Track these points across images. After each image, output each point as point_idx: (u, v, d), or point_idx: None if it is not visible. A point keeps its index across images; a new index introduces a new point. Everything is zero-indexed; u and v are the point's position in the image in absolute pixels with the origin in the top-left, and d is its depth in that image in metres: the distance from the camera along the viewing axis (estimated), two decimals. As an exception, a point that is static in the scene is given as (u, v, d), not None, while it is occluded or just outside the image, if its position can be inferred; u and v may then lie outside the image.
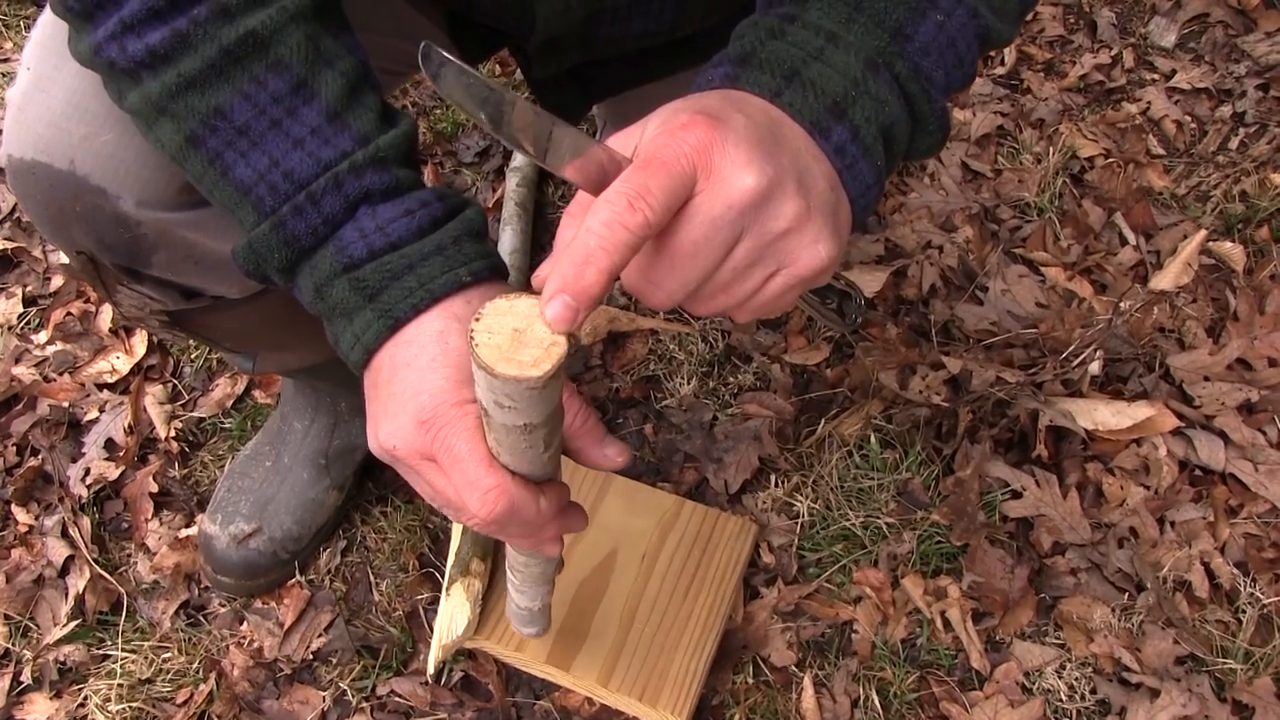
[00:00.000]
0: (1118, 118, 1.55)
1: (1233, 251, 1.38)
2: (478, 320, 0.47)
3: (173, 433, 1.26)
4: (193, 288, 0.79)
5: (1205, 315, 1.33)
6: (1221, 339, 1.30)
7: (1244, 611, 1.10)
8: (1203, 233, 1.38)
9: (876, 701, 1.06)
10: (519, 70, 1.08)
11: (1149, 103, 1.57)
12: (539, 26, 0.80)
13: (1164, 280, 1.36)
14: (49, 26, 0.69)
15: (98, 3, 0.56)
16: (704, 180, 0.48)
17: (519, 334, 0.47)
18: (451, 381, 0.55)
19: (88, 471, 1.22)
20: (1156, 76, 1.61)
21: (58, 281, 1.40)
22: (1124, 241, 1.42)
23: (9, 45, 1.75)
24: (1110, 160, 1.49)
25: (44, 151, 0.68)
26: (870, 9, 0.55)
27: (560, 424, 0.56)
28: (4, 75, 1.67)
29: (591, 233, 0.45)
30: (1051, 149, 1.50)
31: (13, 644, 1.12)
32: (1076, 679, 1.07)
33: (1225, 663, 1.05)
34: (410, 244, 0.58)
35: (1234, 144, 1.53)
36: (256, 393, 1.31)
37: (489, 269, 0.60)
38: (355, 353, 0.59)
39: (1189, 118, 1.56)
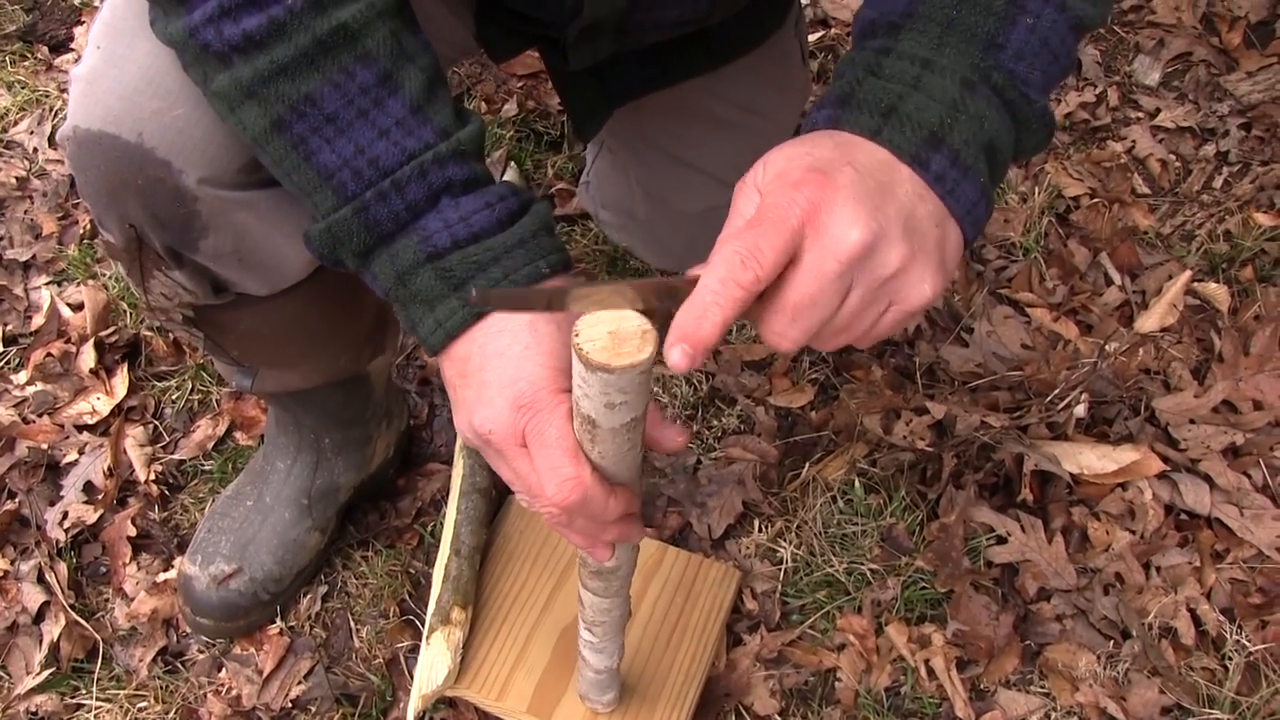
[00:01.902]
0: (1103, 156, 1.55)
1: (1217, 292, 1.38)
2: (577, 335, 0.53)
3: (153, 475, 1.25)
4: (226, 280, 0.81)
5: (1190, 356, 1.33)
6: (1207, 380, 1.30)
7: (1230, 659, 1.09)
8: (1187, 273, 1.38)
9: (860, 752, 1.05)
10: (546, 70, 1.10)
11: (1134, 141, 1.57)
12: (586, 11, 0.82)
13: (1149, 321, 1.36)
14: (119, 8, 0.72)
15: None
16: (813, 238, 0.52)
17: (614, 335, 0.53)
18: (549, 369, 0.60)
19: (66, 515, 1.21)
20: (1141, 115, 1.61)
21: (39, 320, 1.40)
22: (1109, 281, 1.42)
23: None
24: (1096, 200, 1.49)
25: (113, 123, 0.70)
26: (961, 26, 0.58)
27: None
28: (-10, 111, 1.67)
29: (708, 289, 0.50)
30: (1037, 188, 1.50)
31: (-14, 693, 1.10)
32: (1062, 729, 1.06)
33: (1212, 713, 1.05)
34: (492, 236, 0.61)
35: (1218, 183, 1.53)
36: (238, 434, 1.31)
37: (563, 261, 0.64)
38: (435, 337, 0.62)
39: (1173, 156, 1.56)
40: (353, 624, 1.16)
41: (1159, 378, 1.31)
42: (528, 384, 0.59)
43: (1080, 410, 1.26)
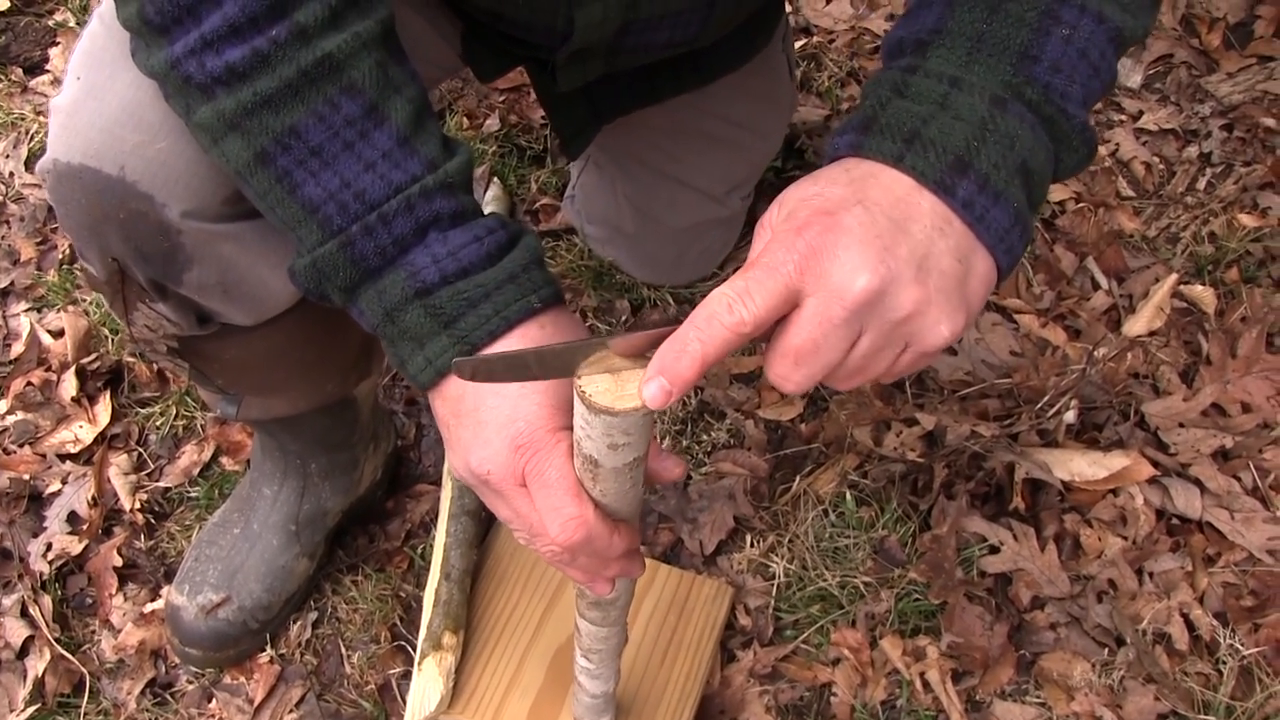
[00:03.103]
0: (1086, 160, 1.55)
1: (1204, 294, 1.38)
2: (579, 379, 0.53)
3: (138, 504, 1.23)
4: (210, 311, 0.80)
5: (1179, 360, 1.33)
6: (1195, 384, 1.30)
7: (1224, 663, 1.09)
8: (1174, 276, 1.38)
9: (857, 768, 1.05)
10: (532, 89, 1.09)
11: (1118, 144, 1.57)
12: (576, 36, 0.81)
13: (1137, 325, 1.36)
14: (99, 37, 0.71)
15: (176, 17, 0.58)
16: (814, 283, 0.50)
17: (617, 377, 0.53)
18: (546, 408, 0.59)
19: (49, 547, 1.19)
20: (1124, 117, 1.62)
21: (18, 348, 1.38)
22: (1096, 286, 1.42)
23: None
24: (1081, 204, 1.49)
25: (94, 156, 0.68)
26: (992, 40, 0.55)
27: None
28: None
29: (693, 325, 0.50)
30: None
31: (-28, 730, 1.09)
32: (1059, 739, 1.06)
33: (1207, 719, 1.04)
34: (481, 270, 0.60)
35: (1201, 184, 1.53)
36: (224, 459, 1.29)
37: (554, 295, 0.63)
38: (425, 375, 0.61)
39: (1157, 159, 1.56)
40: (344, 650, 1.14)
41: (1148, 382, 1.31)
42: (525, 424, 0.58)
43: (1070, 416, 1.26)
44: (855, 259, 0.49)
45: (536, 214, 1.54)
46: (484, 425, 0.59)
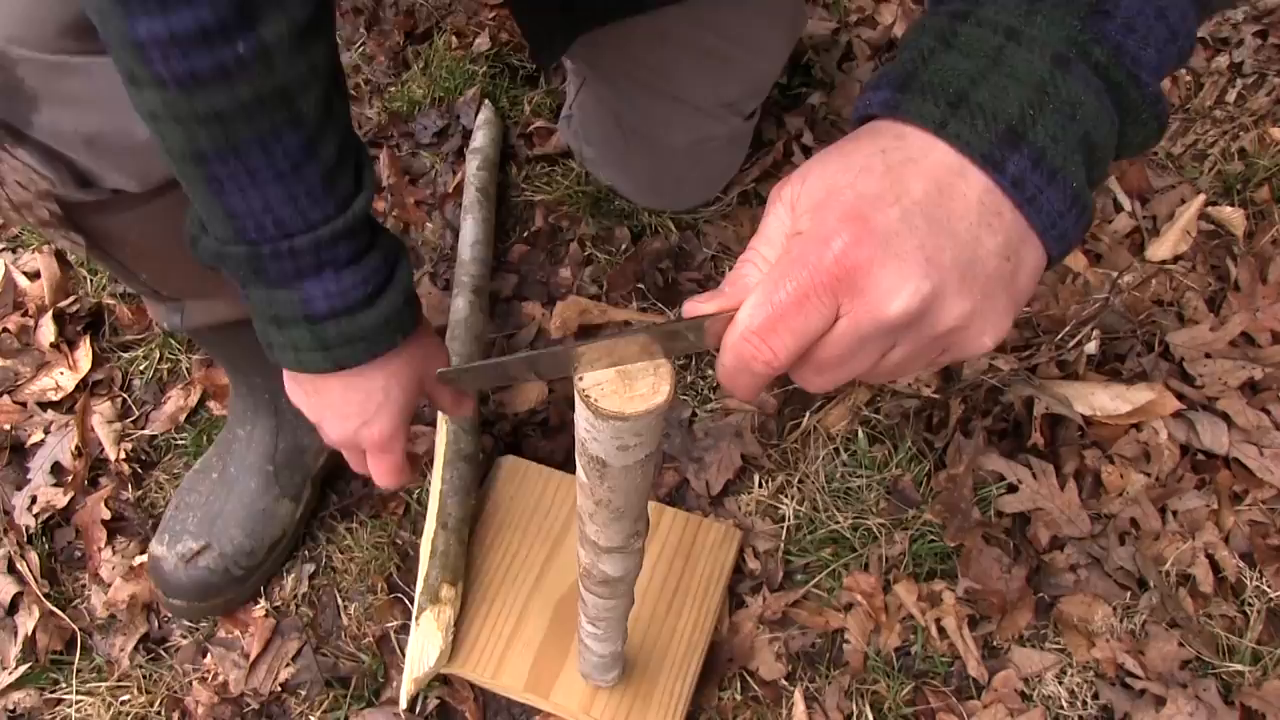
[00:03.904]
0: (1110, 73, 1.47)
1: (1232, 216, 1.32)
2: (580, 380, 0.49)
3: (123, 453, 1.19)
4: (86, 169, 0.75)
5: (1205, 286, 1.26)
6: (1223, 311, 1.24)
7: (1250, 605, 1.06)
8: (1201, 197, 1.31)
9: (870, 716, 1.02)
10: None
11: (1142, 55, 1.48)
12: None
13: (1161, 249, 1.29)
14: None
15: None
16: (849, 299, 0.44)
17: (624, 374, 0.49)
18: (396, 422, 0.76)
19: (34, 499, 1.15)
20: (1150, 25, 1.52)
21: (-7, 292, 1.32)
22: (1119, 208, 1.35)
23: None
24: (1103, 120, 1.41)
25: None
26: None
27: None
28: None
29: (725, 369, 0.47)
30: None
31: (-38, 689, 1.06)
32: (1078, 685, 1.03)
33: (1233, 665, 1.01)
34: (362, 311, 0.68)
35: (1231, 97, 1.45)
36: (211, 404, 1.24)
37: (415, 326, 0.74)
38: (286, 360, 0.70)
39: (1184, 71, 1.48)
40: (340, 602, 1.11)
41: (1172, 309, 1.25)
42: (379, 430, 0.75)
43: (1091, 348, 1.20)
44: (893, 276, 0.43)
45: (530, 138, 1.47)
46: (347, 418, 0.74)
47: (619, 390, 0.49)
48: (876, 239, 0.43)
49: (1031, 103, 0.45)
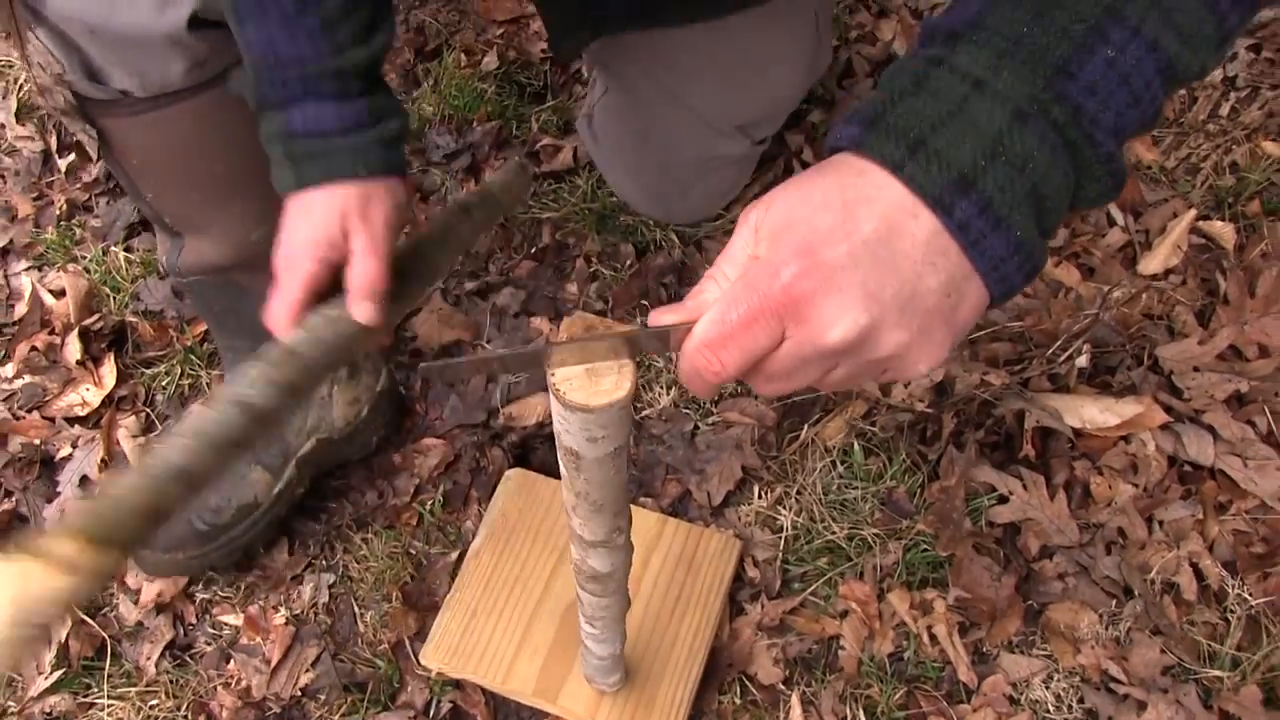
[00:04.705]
0: (1104, 87, 1.50)
1: (1223, 230, 1.35)
2: (552, 376, 0.55)
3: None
4: (94, 62, 0.86)
5: (1195, 299, 1.30)
6: (1212, 324, 1.27)
7: (1232, 612, 1.09)
8: (1192, 212, 1.34)
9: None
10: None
11: (1137, 69, 1.51)
12: None
13: (1153, 263, 1.33)
14: None
15: None
16: (795, 325, 0.49)
17: (590, 371, 0.55)
18: (307, 244, 0.74)
19: (64, 512, 1.20)
20: (1145, 39, 1.55)
21: (21, 309, 1.38)
22: (1112, 222, 1.38)
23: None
24: (1097, 135, 1.44)
25: None
26: (1029, 46, 0.51)
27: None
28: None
29: (682, 372, 0.53)
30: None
31: (-1, 694, 1.12)
32: (1064, 689, 1.07)
33: (1213, 671, 1.05)
34: (333, 137, 0.75)
35: (1225, 110, 1.48)
36: (231, 418, 1.29)
37: (386, 169, 0.77)
38: (275, 182, 0.77)
39: (1178, 84, 1.50)
40: (356, 610, 1.16)
41: (1163, 323, 1.28)
42: (299, 246, 0.74)
43: (1083, 361, 1.24)
44: (834, 308, 0.48)
45: (538, 154, 1.51)
46: (292, 231, 0.75)
47: (586, 385, 0.54)
48: (822, 272, 0.48)
49: (985, 153, 0.49)
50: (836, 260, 0.48)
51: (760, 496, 1.21)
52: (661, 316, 0.53)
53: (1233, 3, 0.51)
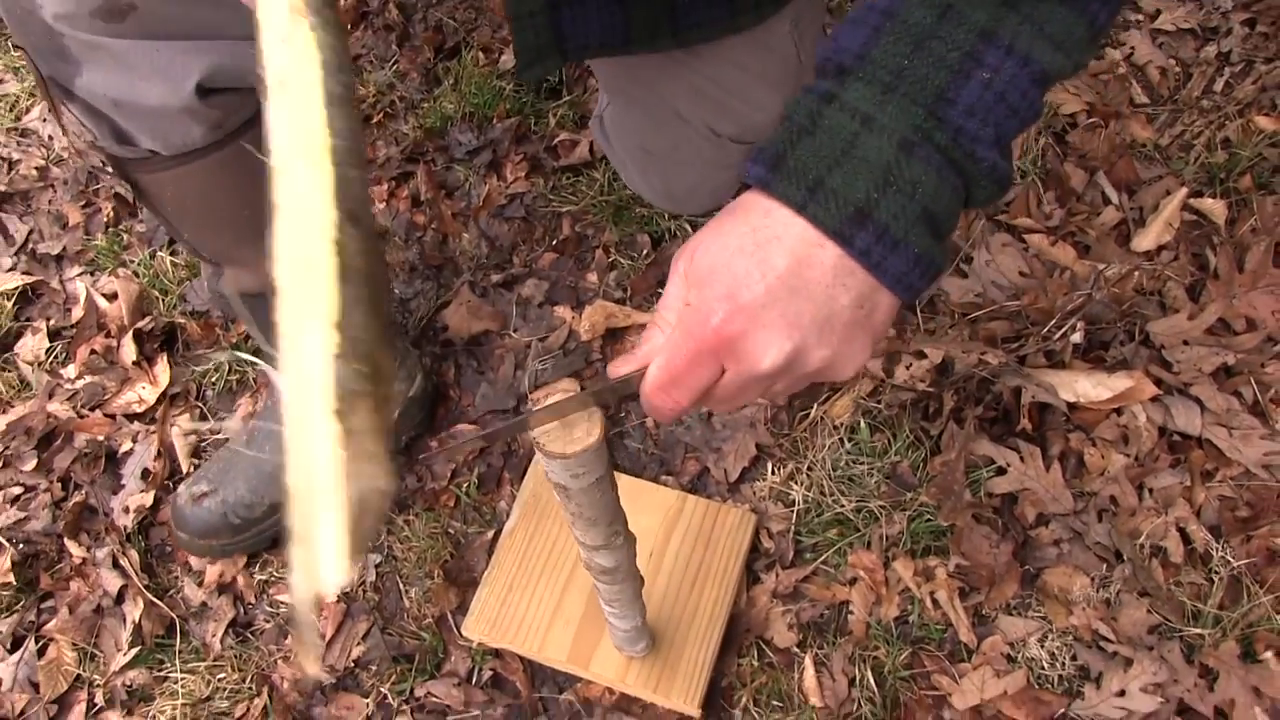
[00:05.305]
0: (1100, 67, 1.55)
1: (1214, 207, 1.40)
2: (533, 431, 0.64)
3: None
4: (122, 129, 0.91)
5: (1186, 274, 1.36)
6: (1202, 299, 1.33)
7: (1216, 573, 1.17)
8: (1184, 190, 1.39)
9: (871, 679, 1.15)
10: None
11: (1133, 48, 1.56)
12: None
13: (1145, 240, 1.39)
14: None
15: None
16: (730, 360, 0.58)
17: (565, 423, 0.64)
18: None
19: (128, 503, 1.31)
20: (1141, 17, 1.59)
21: (78, 312, 1.47)
22: (1106, 200, 1.44)
23: (1, 61, 1.77)
24: (1093, 118, 1.49)
25: None
26: (910, 78, 0.56)
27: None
28: None
29: (644, 408, 0.61)
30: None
31: (83, 669, 1.23)
32: (1057, 648, 1.15)
33: (1195, 629, 1.13)
34: None
35: (1219, 86, 1.52)
36: (277, 410, 1.39)
37: None
38: None
39: (1173, 61, 1.55)
40: (401, 587, 1.26)
41: (1155, 298, 1.35)
42: None
43: (1077, 337, 1.30)
44: (762, 341, 0.56)
45: (555, 149, 1.58)
46: None
47: (561, 436, 0.64)
48: (746, 313, 0.56)
49: (877, 185, 0.55)
50: (756, 299, 0.55)
51: (773, 472, 1.29)
52: (619, 368, 0.62)
53: (1102, 3, 0.57)
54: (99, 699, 1.21)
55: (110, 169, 0.98)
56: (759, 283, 0.55)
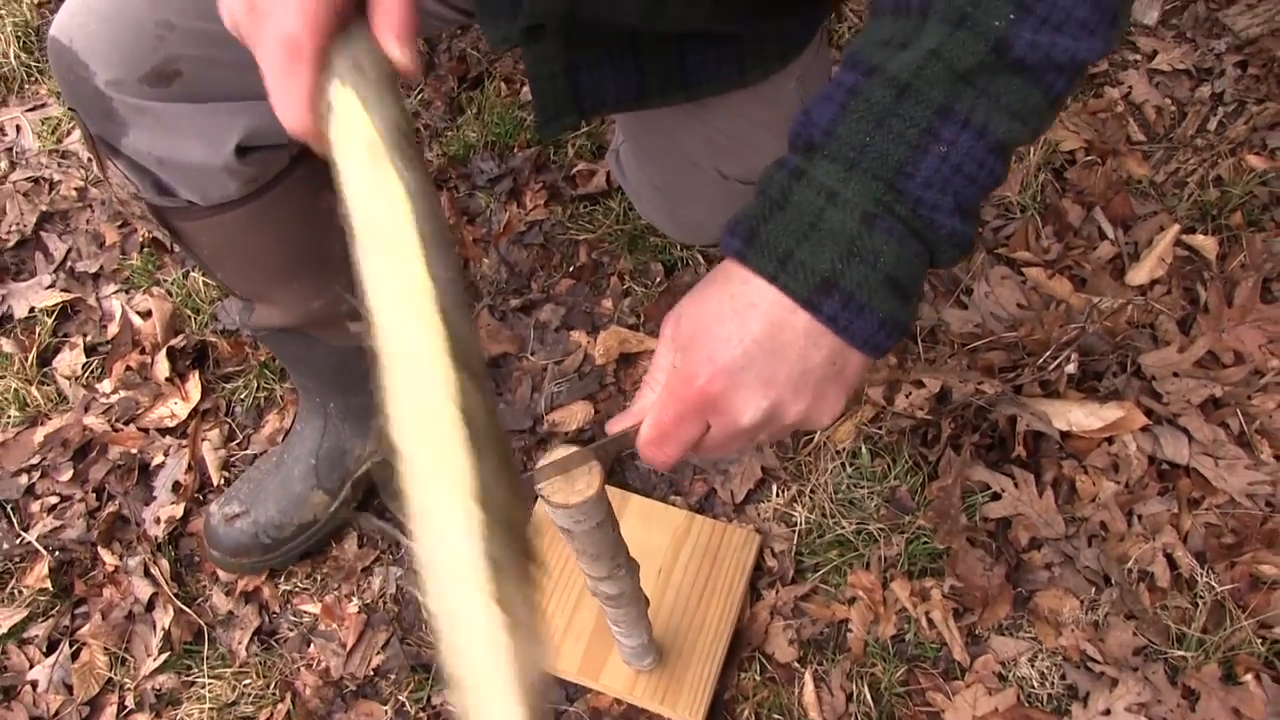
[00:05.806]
0: (1099, 106, 1.61)
1: (1206, 243, 1.46)
2: (539, 486, 0.70)
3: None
4: (164, 182, 0.96)
5: (1177, 308, 1.41)
6: (1192, 332, 1.39)
7: (1201, 598, 1.22)
8: (1176, 227, 1.45)
9: (868, 695, 1.20)
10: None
11: (1130, 87, 1.62)
12: (526, 6, 0.85)
13: (1139, 275, 1.44)
14: None
15: None
16: (713, 418, 0.64)
17: (568, 477, 0.71)
18: (306, 17, 0.56)
19: (160, 514, 1.37)
20: (1139, 58, 1.65)
21: (114, 329, 1.53)
22: (1103, 235, 1.50)
23: (40, 85, 1.84)
24: (1091, 155, 1.55)
25: (61, 30, 0.90)
26: (873, 153, 0.60)
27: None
28: (40, 119, 1.77)
29: (641, 457, 0.67)
30: (1033, 145, 1.56)
31: (114, 673, 1.28)
32: (1047, 668, 1.20)
33: (1179, 651, 1.18)
34: None
35: (1212, 125, 1.58)
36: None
37: None
38: None
39: (1169, 101, 1.61)
40: (420, 598, 1.31)
41: (1147, 331, 1.40)
42: (279, 23, 0.56)
43: (1071, 368, 1.36)
44: (741, 400, 0.62)
45: (574, 179, 1.64)
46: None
47: (564, 488, 0.70)
48: (727, 374, 0.61)
49: (841, 256, 0.59)
50: (735, 362, 0.61)
51: (778, 494, 1.34)
52: (615, 425, 0.69)
53: (1058, 72, 0.61)
54: (129, 702, 1.27)
55: (150, 218, 1.03)
56: (738, 346, 0.61)
